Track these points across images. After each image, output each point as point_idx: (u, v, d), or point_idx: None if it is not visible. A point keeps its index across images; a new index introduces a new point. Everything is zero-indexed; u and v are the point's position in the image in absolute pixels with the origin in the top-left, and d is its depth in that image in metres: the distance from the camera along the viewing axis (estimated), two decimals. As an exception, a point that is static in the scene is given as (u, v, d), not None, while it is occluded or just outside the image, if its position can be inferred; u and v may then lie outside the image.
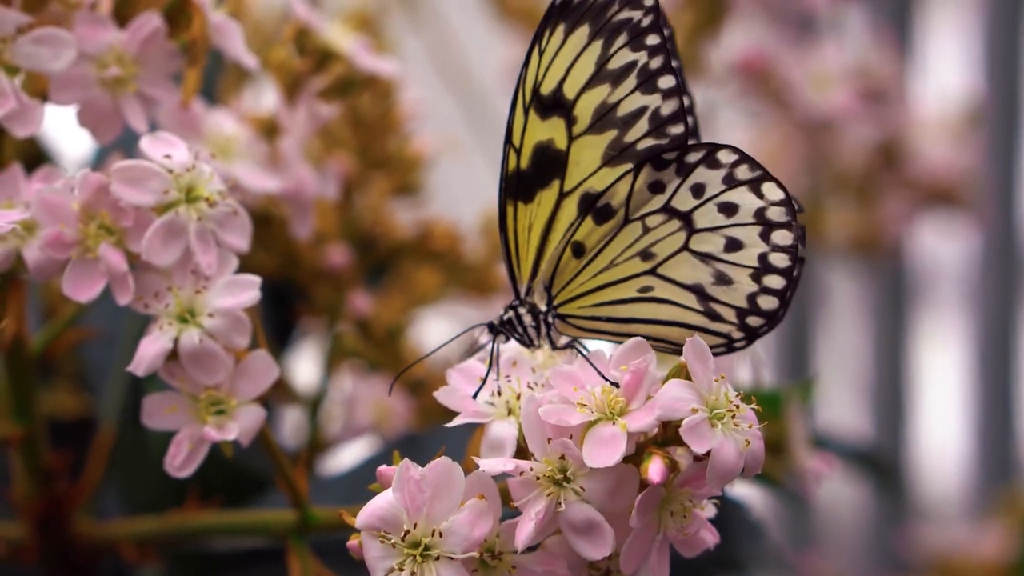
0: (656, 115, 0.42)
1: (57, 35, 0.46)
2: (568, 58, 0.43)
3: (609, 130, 0.43)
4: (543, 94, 0.43)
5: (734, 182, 0.43)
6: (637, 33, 0.42)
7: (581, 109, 0.43)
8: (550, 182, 0.43)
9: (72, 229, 0.44)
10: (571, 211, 0.43)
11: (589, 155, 0.43)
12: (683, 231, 0.43)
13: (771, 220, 0.43)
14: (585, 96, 0.43)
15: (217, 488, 0.51)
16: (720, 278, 0.43)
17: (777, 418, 0.54)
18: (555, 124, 0.43)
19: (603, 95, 0.43)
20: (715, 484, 0.40)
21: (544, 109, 0.43)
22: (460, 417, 0.43)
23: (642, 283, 0.43)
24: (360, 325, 0.62)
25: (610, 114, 0.42)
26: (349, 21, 0.63)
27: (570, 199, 0.43)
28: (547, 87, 0.43)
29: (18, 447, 0.51)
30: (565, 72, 0.43)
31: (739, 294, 0.43)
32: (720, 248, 0.43)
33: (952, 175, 0.93)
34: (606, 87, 0.43)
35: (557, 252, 0.43)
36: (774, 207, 0.43)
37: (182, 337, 0.44)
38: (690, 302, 0.43)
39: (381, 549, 0.41)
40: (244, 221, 0.46)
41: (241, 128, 0.52)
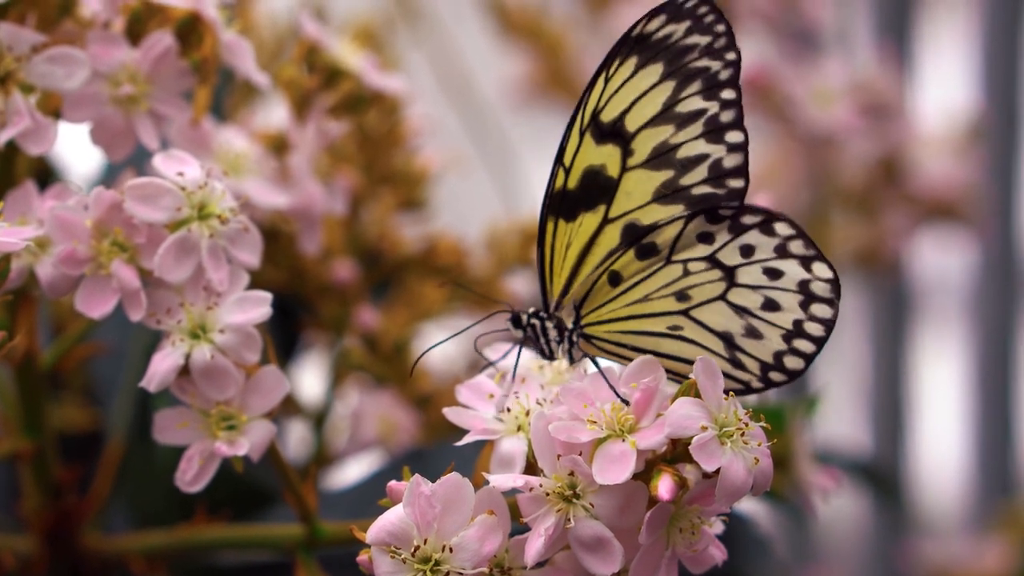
0: (717, 165, 0.42)
1: (71, 54, 0.46)
2: (636, 91, 0.42)
3: (665, 169, 0.43)
4: (603, 121, 0.43)
5: (786, 253, 0.43)
6: (713, 84, 0.42)
7: (640, 143, 0.43)
8: (596, 206, 0.43)
9: (85, 246, 0.45)
10: (613, 238, 0.43)
11: (641, 188, 0.43)
12: (723, 282, 0.43)
13: (814, 293, 0.43)
14: (646, 132, 0.43)
15: (225, 502, 0.52)
16: (751, 331, 0.43)
17: (782, 433, 0.54)
18: (610, 151, 0.43)
19: (666, 135, 0.43)
20: (724, 502, 0.41)
21: (601, 135, 0.43)
22: (470, 435, 0.43)
23: (673, 321, 0.44)
24: (366, 339, 0.62)
25: (669, 154, 0.42)
26: (356, 38, 0.63)
27: (613, 226, 0.43)
28: (608, 115, 0.43)
29: (28, 461, 0.51)
30: (630, 104, 0.43)
31: (767, 350, 0.43)
32: (757, 305, 0.43)
33: (952, 190, 0.94)
34: (670, 128, 0.42)
35: (593, 276, 0.44)
36: (820, 282, 0.43)
37: (194, 353, 0.44)
38: (717, 347, 0.44)
39: (391, 564, 0.41)
40: (255, 238, 0.46)
41: (251, 145, 0.52)
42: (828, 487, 0.54)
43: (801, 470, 0.54)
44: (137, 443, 0.57)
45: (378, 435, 0.62)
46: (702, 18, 0.42)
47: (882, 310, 1.16)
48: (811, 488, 0.54)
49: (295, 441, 0.68)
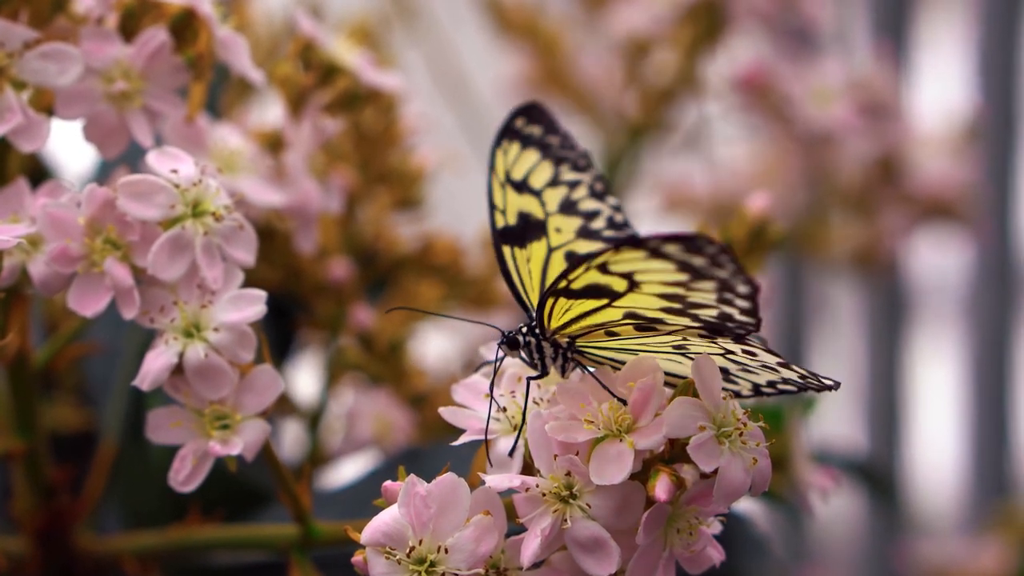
0: (727, 317, 0.42)
1: (64, 50, 0.46)
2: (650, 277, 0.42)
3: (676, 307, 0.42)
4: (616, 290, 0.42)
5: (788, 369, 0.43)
6: (726, 288, 0.41)
7: (648, 310, 0.42)
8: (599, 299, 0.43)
9: (78, 243, 0.44)
10: (614, 315, 0.43)
11: (648, 303, 0.42)
12: (720, 352, 0.43)
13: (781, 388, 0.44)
14: (654, 301, 0.42)
15: (218, 502, 0.51)
16: (746, 370, 0.43)
17: (780, 434, 0.54)
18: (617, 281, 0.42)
19: (677, 303, 0.42)
20: (722, 502, 0.40)
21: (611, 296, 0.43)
22: (466, 435, 0.43)
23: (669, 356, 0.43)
24: (362, 338, 0.62)
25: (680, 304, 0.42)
26: (352, 36, 0.63)
27: (616, 310, 0.42)
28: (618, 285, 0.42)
29: (20, 461, 0.51)
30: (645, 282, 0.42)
31: (762, 379, 0.43)
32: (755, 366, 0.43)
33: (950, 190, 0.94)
34: (680, 300, 0.42)
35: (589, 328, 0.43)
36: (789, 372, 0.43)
37: (187, 351, 0.44)
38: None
39: (386, 565, 0.41)
40: (250, 236, 0.46)
41: (246, 142, 0.52)
42: (826, 487, 0.54)
43: (799, 470, 0.54)
44: (130, 443, 0.57)
45: (373, 434, 0.62)
46: (717, 257, 0.40)
47: (879, 310, 1.16)
48: (809, 488, 0.54)
49: (290, 441, 0.68)
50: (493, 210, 0.48)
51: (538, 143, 0.49)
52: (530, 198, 0.48)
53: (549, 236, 0.48)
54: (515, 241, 0.47)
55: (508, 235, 0.47)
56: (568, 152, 0.49)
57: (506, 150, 0.49)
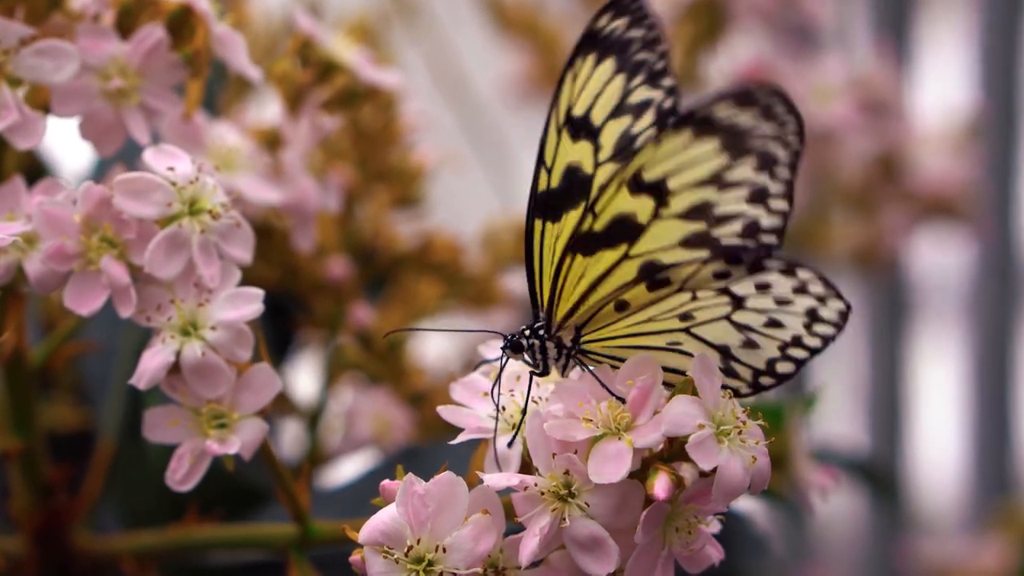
0: (754, 224, 0.42)
1: (60, 47, 0.46)
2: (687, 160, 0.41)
3: (699, 221, 0.42)
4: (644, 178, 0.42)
5: (803, 291, 0.43)
6: (772, 163, 0.41)
7: (678, 201, 0.42)
8: (618, 245, 0.42)
9: (74, 241, 0.44)
10: (629, 272, 0.42)
11: (669, 234, 0.42)
12: (729, 306, 0.43)
13: (821, 316, 0.43)
14: (687, 193, 0.42)
15: (216, 501, 0.51)
16: (748, 344, 0.43)
17: (779, 432, 0.54)
18: (643, 202, 0.42)
19: (708, 196, 0.41)
20: (721, 501, 0.40)
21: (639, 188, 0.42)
22: (464, 433, 0.43)
23: (673, 338, 0.43)
24: (361, 337, 0.62)
25: (707, 210, 0.41)
26: (351, 33, 0.63)
27: (632, 262, 0.42)
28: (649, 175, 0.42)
29: (17, 460, 0.51)
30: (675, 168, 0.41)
31: (761, 358, 0.43)
32: (760, 323, 0.43)
33: (951, 187, 0.93)
34: (712, 190, 0.41)
35: (600, 303, 0.43)
36: (829, 310, 0.43)
37: (184, 350, 0.44)
38: (713, 359, 0.43)
39: (384, 564, 0.40)
40: (247, 234, 0.46)
41: (243, 140, 0.52)
42: (826, 486, 0.54)
43: (799, 468, 0.54)
44: (128, 442, 0.57)
45: (372, 433, 0.62)
46: (771, 108, 0.41)
47: (880, 308, 1.15)
48: (809, 487, 0.53)
49: (289, 440, 0.68)
50: (539, 167, 0.44)
51: (617, 45, 0.44)
52: (585, 144, 0.44)
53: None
54: (551, 213, 0.44)
55: (546, 203, 0.44)
56: (648, 52, 0.44)
57: (577, 72, 0.44)
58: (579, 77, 0.44)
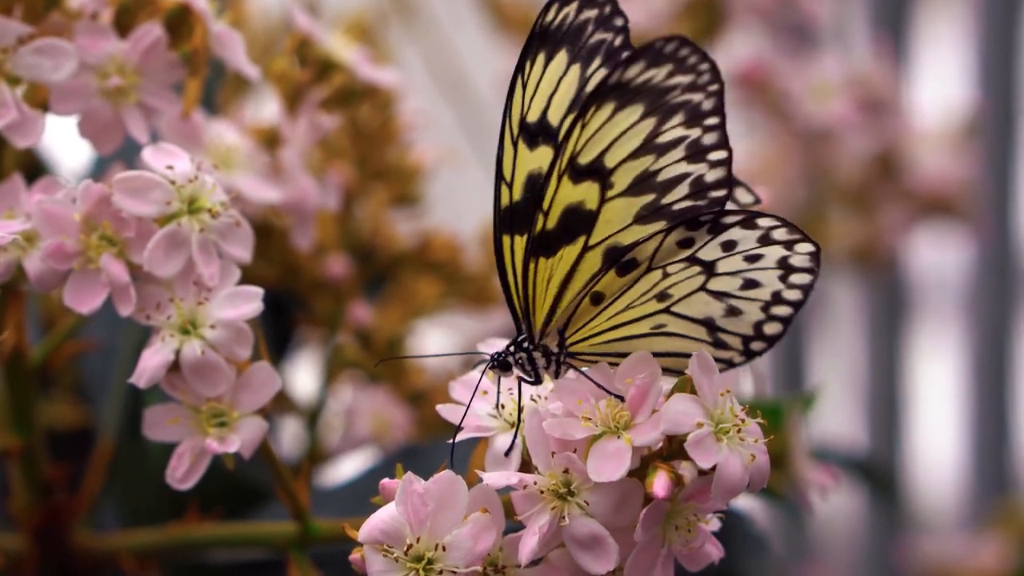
0: (699, 181, 0.41)
1: (58, 45, 0.46)
2: (615, 131, 0.41)
3: (646, 193, 0.41)
4: (580, 163, 0.41)
5: (768, 241, 0.42)
6: (696, 114, 0.41)
7: (620, 176, 0.41)
8: (575, 239, 0.42)
9: (73, 240, 0.44)
10: (594, 263, 0.42)
11: (621, 214, 0.42)
12: (703, 275, 0.42)
13: (793, 265, 0.43)
14: (627, 165, 0.41)
15: (216, 500, 0.51)
16: (731, 311, 0.43)
17: (779, 430, 0.54)
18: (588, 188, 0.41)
19: (647, 164, 0.41)
20: (720, 499, 0.40)
21: (578, 175, 0.41)
22: (464, 432, 0.43)
23: (656, 321, 0.43)
24: (360, 335, 0.62)
25: (650, 179, 0.41)
26: (349, 32, 0.63)
27: (594, 252, 0.42)
28: (586, 157, 0.41)
29: (17, 459, 0.51)
30: (609, 144, 0.41)
31: (746, 323, 0.43)
32: (736, 287, 0.43)
33: (949, 186, 0.93)
34: (651, 157, 0.41)
35: (576, 300, 0.43)
36: (800, 256, 0.42)
37: (184, 348, 0.44)
38: (700, 334, 0.43)
39: (384, 563, 0.40)
40: (246, 232, 0.46)
41: (242, 139, 0.52)
42: (826, 484, 0.54)
43: (798, 467, 0.54)
44: (128, 440, 0.57)
45: (372, 432, 0.62)
46: (684, 59, 0.40)
47: (878, 306, 1.15)
48: (808, 485, 0.53)
49: (288, 438, 0.68)
50: (499, 183, 0.43)
51: (569, 33, 0.43)
52: (545, 149, 0.43)
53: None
54: (517, 227, 0.43)
55: (511, 218, 0.43)
56: (604, 32, 0.42)
57: (527, 78, 0.43)
58: (529, 81, 0.43)
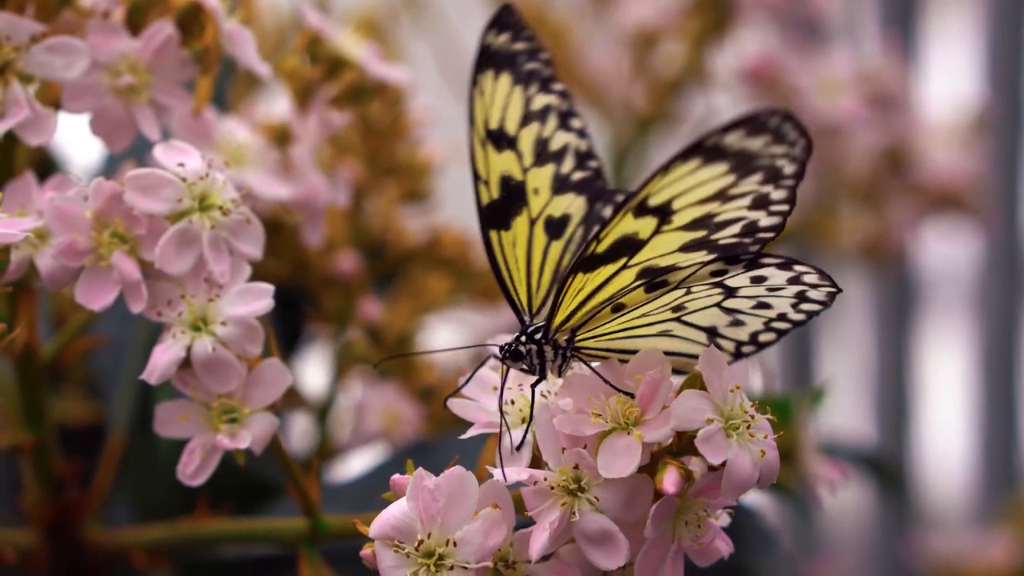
0: (753, 225, 0.41)
1: (70, 44, 0.46)
2: (694, 182, 0.41)
3: (700, 231, 0.42)
4: (650, 204, 0.41)
5: (797, 282, 0.43)
6: (777, 177, 0.41)
7: (682, 216, 0.41)
8: (618, 260, 0.42)
9: (85, 237, 0.44)
10: (627, 279, 0.42)
11: (669, 243, 0.42)
12: (722, 295, 0.43)
13: (809, 297, 0.43)
14: (693, 209, 0.41)
15: (227, 495, 0.51)
16: (736, 323, 0.43)
17: (788, 425, 0.54)
18: (648, 222, 0.41)
19: (711, 209, 0.41)
20: (730, 495, 0.40)
21: (644, 212, 0.41)
22: (474, 428, 0.43)
23: (665, 328, 0.43)
24: (370, 331, 0.62)
25: (708, 220, 0.41)
26: (359, 29, 0.63)
27: (631, 270, 0.42)
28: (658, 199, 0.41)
29: (29, 455, 0.51)
30: (684, 191, 0.41)
31: (745, 332, 0.43)
32: (749, 307, 0.43)
33: (958, 181, 0.93)
34: (717, 204, 0.41)
35: (597, 307, 0.43)
36: (818, 291, 0.43)
37: (195, 345, 0.44)
38: (700, 338, 0.43)
39: (395, 559, 0.41)
40: (257, 229, 0.46)
41: (253, 136, 0.52)
42: (835, 480, 0.54)
43: (807, 462, 0.54)
44: (138, 436, 0.57)
45: (382, 428, 0.62)
46: (784, 134, 0.40)
47: (887, 302, 1.15)
48: (818, 480, 0.53)
49: (298, 434, 0.68)
50: (477, 183, 0.45)
51: (508, 58, 0.46)
52: (509, 154, 0.45)
53: (529, 204, 0.45)
54: (500, 222, 0.45)
55: (493, 215, 0.45)
56: (534, 62, 0.46)
57: (483, 88, 0.46)
58: (485, 92, 0.46)
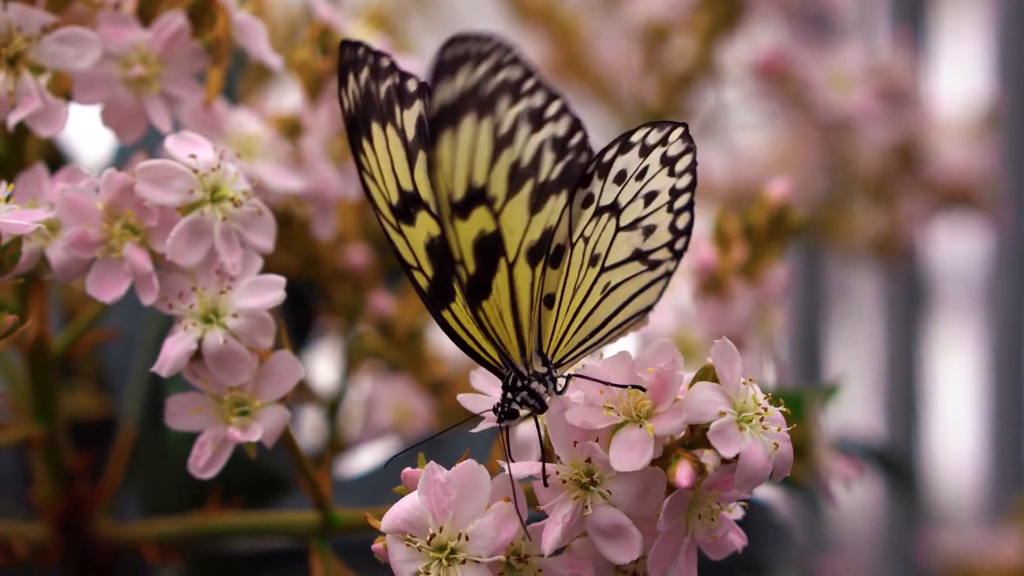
0: (555, 140, 0.41)
1: (81, 34, 0.46)
2: (467, 151, 0.40)
3: (525, 183, 0.41)
4: (458, 199, 0.41)
5: (647, 149, 0.42)
6: (515, 87, 0.40)
7: (495, 184, 0.41)
8: (496, 263, 0.41)
9: (96, 229, 0.44)
10: (525, 272, 0.42)
11: (517, 216, 0.41)
12: (612, 217, 0.42)
13: (672, 155, 0.42)
14: (494, 171, 0.41)
15: (237, 489, 0.51)
16: (647, 231, 0.42)
17: (801, 420, 0.53)
18: (478, 216, 0.41)
19: (511, 158, 0.41)
20: (743, 487, 0.40)
21: (460, 208, 0.41)
22: (486, 422, 0.43)
23: (601, 284, 0.42)
24: (381, 325, 0.62)
25: (520, 169, 0.41)
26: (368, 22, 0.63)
27: (519, 263, 0.42)
28: (460, 191, 0.41)
29: (40, 448, 0.51)
30: (469, 165, 0.40)
31: (663, 232, 0.42)
32: (641, 208, 0.42)
33: (969, 177, 0.93)
34: (509, 151, 0.41)
35: (533, 316, 0.42)
36: (674, 143, 0.42)
37: (206, 337, 0.44)
38: (636, 269, 0.43)
39: (407, 552, 0.40)
40: (268, 221, 0.46)
41: (263, 128, 0.52)
42: (850, 475, 0.53)
43: (820, 457, 0.54)
44: (149, 430, 0.57)
45: (392, 422, 0.62)
46: (477, 54, 0.40)
47: (897, 297, 1.15)
48: (832, 476, 0.53)
49: (308, 429, 0.68)
50: (409, 272, 0.43)
51: (365, 104, 0.44)
52: (423, 215, 0.43)
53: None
54: (448, 297, 0.43)
55: (438, 293, 0.43)
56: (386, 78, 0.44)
57: (370, 169, 0.43)
58: (373, 170, 0.43)
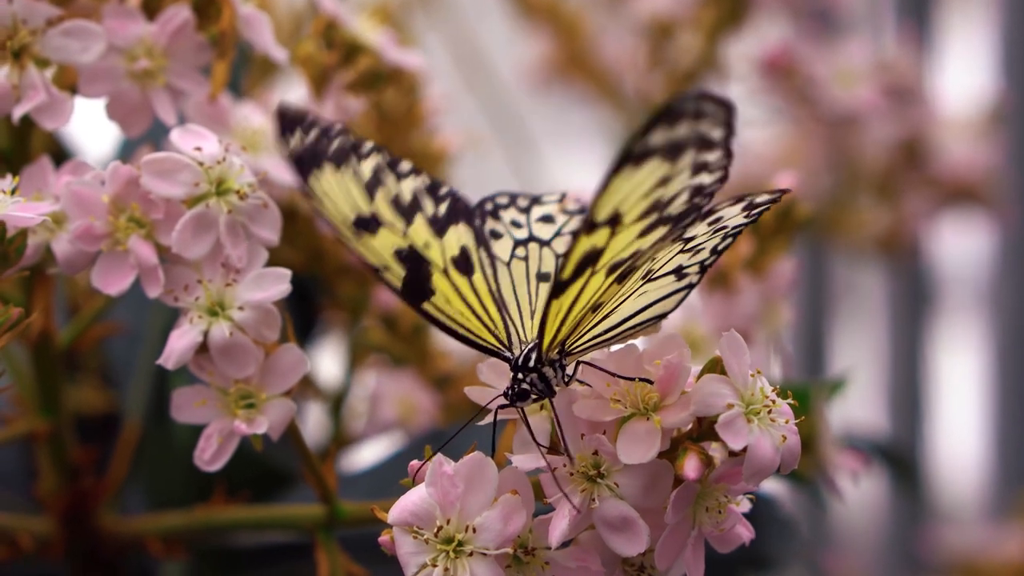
0: (699, 189, 0.41)
1: (87, 27, 0.46)
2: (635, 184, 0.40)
3: (652, 214, 0.41)
4: (598, 220, 0.41)
5: (752, 207, 0.42)
6: (706, 144, 0.40)
7: (630, 213, 0.41)
8: (584, 273, 0.41)
9: (102, 222, 0.44)
10: (598, 281, 0.42)
11: (626, 239, 0.41)
12: (681, 245, 0.42)
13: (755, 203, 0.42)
14: (639, 203, 0.41)
15: (243, 483, 0.51)
16: (695, 251, 0.42)
17: (807, 414, 0.53)
18: (601, 233, 0.41)
19: (658, 196, 0.40)
20: (751, 480, 0.40)
21: (593, 227, 0.41)
22: (497, 403, 0.42)
23: (637, 292, 0.43)
24: (385, 320, 0.62)
25: (658, 204, 0.41)
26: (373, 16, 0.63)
27: (598, 274, 0.41)
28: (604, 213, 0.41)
29: (44, 442, 0.51)
30: (625, 195, 0.40)
31: (705, 252, 0.42)
32: (704, 234, 0.42)
33: (973, 173, 0.93)
34: (662, 190, 0.40)
35: (578, 316, 0.42)
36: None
37: (212, 330, 0.44)
38: (668, 281, 0.43)
39: (414, 545, 0.40)
40: (274, 214, 0.45)
41: (268, 122, 0.52)
42: (857, 469, 0.53)
43: (827, 452, 0.54)
44: (154, 424, 0.57)
45: (397, 416, 0.62)
46: (701, 110, 0.39)
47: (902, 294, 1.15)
48: (838, 470, 0.53)
49: (313, 424, 0.68)
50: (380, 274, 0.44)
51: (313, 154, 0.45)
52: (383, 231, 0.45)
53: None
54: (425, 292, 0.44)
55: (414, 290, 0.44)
56: (335, 140, 0.45)
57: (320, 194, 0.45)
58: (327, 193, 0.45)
